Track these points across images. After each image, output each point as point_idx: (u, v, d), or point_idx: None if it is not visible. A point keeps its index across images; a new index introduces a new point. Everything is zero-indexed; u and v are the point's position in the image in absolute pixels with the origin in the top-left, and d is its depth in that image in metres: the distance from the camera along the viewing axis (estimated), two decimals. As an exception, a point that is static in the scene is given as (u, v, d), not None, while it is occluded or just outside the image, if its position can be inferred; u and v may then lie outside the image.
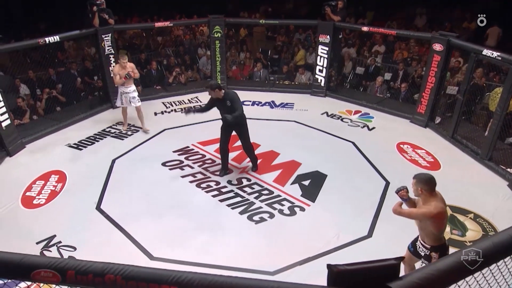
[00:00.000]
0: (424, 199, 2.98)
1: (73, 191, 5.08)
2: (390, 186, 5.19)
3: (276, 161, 5.85)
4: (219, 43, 8.46)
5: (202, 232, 4.36)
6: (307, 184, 5.25)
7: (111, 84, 7.70)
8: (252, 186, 5.21)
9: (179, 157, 5.95)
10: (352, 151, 6.15)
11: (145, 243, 4.16)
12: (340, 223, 4.51)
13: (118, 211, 4.69)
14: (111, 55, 7.49)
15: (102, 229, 4.39)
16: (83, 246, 4.09)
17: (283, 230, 4.40)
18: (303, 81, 9.27)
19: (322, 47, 8.11)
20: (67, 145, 6.29)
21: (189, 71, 10.09)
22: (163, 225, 4.46)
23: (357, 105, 7.99)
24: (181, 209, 4.75)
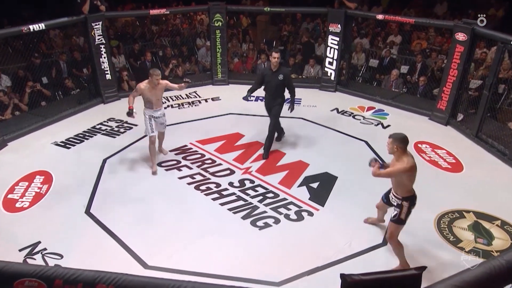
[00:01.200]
0: (397, 156, 3.62)
1: (60, 194, 5.07)
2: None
3: (281, 161, 5.83)
4: (219, 32, 8.45)
5: (201, 238, 4.34)
6: (315, 187, 5.23)
7: (102, 77, 7.74)
8: (256, 188, 5.20)
9: (176, 157, 5.94)
10: (365, 151, 6.12)
11: (139, 251, 4.15)
12: (352, 229, 4.49)
13: (109, 215, 4.68)
14: (101, 45, 7.49)
15: (92, 235, 4.38)
16: (71, 254, 4.08)
17: (289, 237, 4.38)
18: (312, 75, 9.25)
19: (332, 37, 8.08)
20: (54, 143, 6.30)
21: (186, 63, 10.08)
22: (158, 231, 4.44)
23: (370, 101, 7.97)
24: (178, 213, 4.74)
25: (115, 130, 6.80)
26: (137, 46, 9.91)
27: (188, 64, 10.09)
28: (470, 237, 4.39)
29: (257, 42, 11.03)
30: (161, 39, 11.22)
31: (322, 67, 8.55)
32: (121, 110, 7.42)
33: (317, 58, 9.38)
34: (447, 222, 4.62)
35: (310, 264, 4.00)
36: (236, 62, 10.19)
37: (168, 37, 11.17)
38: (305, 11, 10.33)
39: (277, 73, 5.62)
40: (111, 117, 7.23)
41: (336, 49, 8.13)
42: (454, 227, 4.54)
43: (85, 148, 6.22)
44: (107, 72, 7.73)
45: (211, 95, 8.33)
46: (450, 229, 4.51)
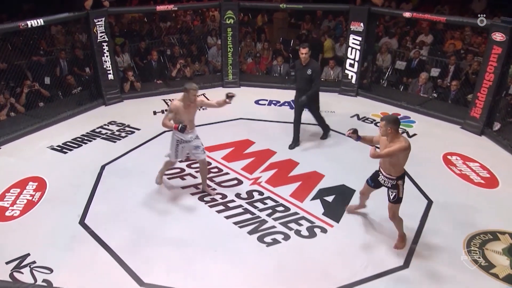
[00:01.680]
0: (391, 138, 4.01)
1: (54, 202, 5.11)
2: (433, 206, 5.04)
3: (294, 171, 5.78)
4: (231, 31, 8.47)
5: (203, 254, 4.31)
6: (330, 201, 5.16)
7: (104, 77, 7.82)
8: (265, 201, 5.15)
9: (180, 165, 5.93)
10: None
11: (135, 266, 4.14)
12: (369, 249, 4.40)
13: (105, 227, 4.69)
14: (104, 43, 7.58)
15: (86, 248, 4.39)
16: (62, 268, 4.09)
17: (299, 255, 4.31)
18: (331, 78, 9.18)
19: (354, 36, 8.03)
20: (50, 147, 6.37)
21: (196, 63, 10.14)
22: (157, 245, 4.43)
23: (395, 107, 7.88)
24: (180, 226, 4.73)
25: (116, 134, 6.84)
26: (144, 44, 10.00)
27: (197, 64, 10.14)
28: (505, 262, 4.24)
29: (273, 41, 11.02)
30: (169, 37, 11.32)
31: (343, 69, 8.47)
32: (124, 113, 7.53)
33: (338, 59, 9.32)
34: (478, 244, 4.47)
35: (321, 286, 3.93)
36: (249, 62, 10.20)
37: (177, 34, 11.26)
38: (325, 8, 10.26)
39: (306, 68, 6.00)
40: (112, 120, 7.29)
41: (358, 50, 8.06)
42: (487, 250, 4.39)
43: (83, 153, 6.28)
44: (109, 71, 7.81)
45: (220, 98, 8.27)
46: (482, 253, 4.36)
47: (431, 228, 4.68)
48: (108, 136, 6.78)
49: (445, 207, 5.04)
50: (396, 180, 4.15)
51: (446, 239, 4.52)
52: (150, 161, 6.01)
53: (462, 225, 4.71)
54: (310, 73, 5.94)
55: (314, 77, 5.99)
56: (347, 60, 8.29)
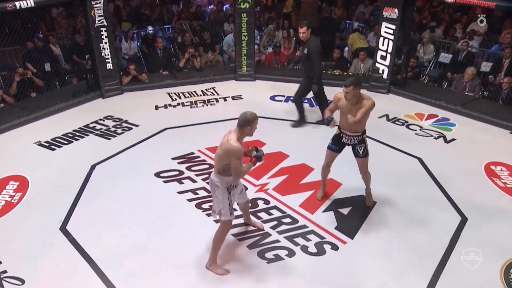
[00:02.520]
0: (357, 98, 4.55)
1: (34, 204, 5.20)
2: (467, 225, 4.88)
3: (307, 179, 5.72)
4: (246, 16, 8.45)
5: (193, 270, 4.29)
6: (346, 213, 5.07)
7: (102, 66, 7.93)
8: (270, 211, 5.10)
9: (178, 166, 5.96)
10: (417, 171, 5.91)
11: (116, 280, 4.15)
12: (387, 271, 4.29)
13: (88, 234, 4.73)
14: (102, 27, 7.69)
15: (63, 257, 4.43)
16: (35, 279, 4.13)
17: (303, 275, 4.24)
18: (362, 71, 9.06)
19: (387, 24, 7.89)
20: (37, 143, 6.50)
21: (209, 52, 10.18)
22: (143, 256, 4.43)
23: (432, 107, 7.76)
24: (171, 236, 4.72)
25: (111, 130, 6.93)
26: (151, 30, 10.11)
27: (210, 54, 10.18)
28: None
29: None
30: (180, 23, 11.41)
31: (373, 63, 8.34)
32: (122, 107, 7.63)
33: (371, 51, 9.17)
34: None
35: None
36: (268, 53, 10.16)
37: (190, 20, 11.35)
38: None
39: (304, 47, 6.58)
40: (109, 115, 7.39)
41: (391, 40, 7.92)
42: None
43: (73, 150, 6.38)
44: (108, 60, 7.92)
45: (232, 92, 8.34)
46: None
47: (462, 251, 4.52)
48: (103, 132, 6.87)
49: (481, 226, 4.87)
50: (362, 135, 4.80)
51: (480, 265, 4.35)
52: (145, 161, 6.06)
53: (501, 250, 4.52)
54: (306, 52, 6.49)
55: (312, 56, 6.48)
56: (378, 51, 8.16)
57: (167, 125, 7.07)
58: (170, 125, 7.07)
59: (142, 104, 7.86)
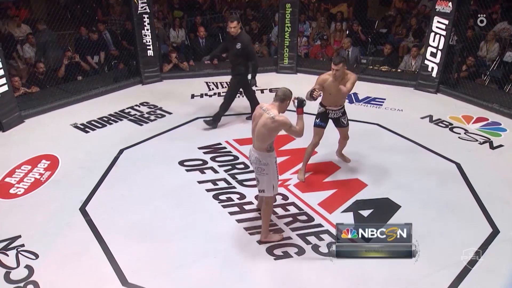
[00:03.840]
0: (343, 73, 5.14)
1: (60, 183, 5.51)
2: (498, 238, 4.66)
3: (331, 177, 5.68)
4: (290, 7, 8.46)
5: (200, 260, 4.38)
6: (366, 215, 4.99)
7: (143, 53, 8.23)
8: (287, 207, 5.12)
9: (203, 156, 6.10)
10: (453, 177, 5.71)
11: (124, 264, 4.32)
12: (403, 280, 4.18)
13: (106, 216, 4.95)
14: (145, 14, 7.96)
15: (78, 236, 4.67)
16: (48, 255, 4.38)
17: (309, 274, 4.23)
18: (413, 69, 8.82)
19: (439, 19, 7.65)
20: (73, 125, 6.87)
21: (256, 43, 10.25)
22: (153, 244, 4.58)
23: (484, 110, 7.49)
24: (184, 225, 4.84)
25: (145, 116, 7.19)
26: (199, 19, 10.32)
27: (257, 45, 10.25)
28: None
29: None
30: (231, 12, 11.55)
31: (422, 59, 8.10)
32: (159, 94, 7.89)
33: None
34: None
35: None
36: (314, 45, 10.10)
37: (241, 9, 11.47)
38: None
39: (235, 41, 6.38)
40: (145, 101, 7.67)
41: (443, 36, 7.66)
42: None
43: (105, 134, 6.68)
44: (149, 47, 8.21)
45: (270, 85, 8.37)
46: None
47: (487, 265, 4.33)
48: (136, 118, 7.13)
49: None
50: (343, 107, 5.55)
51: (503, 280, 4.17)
52: (172, 149, 6.24)
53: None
54: (239, 47, 6.33)
55: (248, 51, 6.41)
56: (428, 48, 7.92)
57: (199, 114, 7.23)
58: (202, 115, 7.23)
59: (179, 92, 8.07)
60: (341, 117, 5.56)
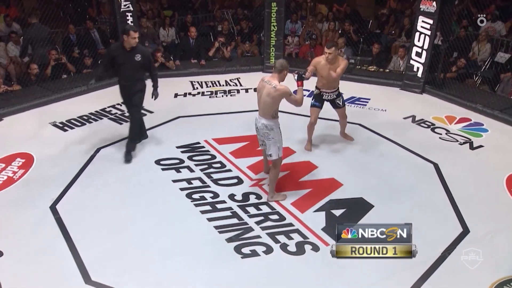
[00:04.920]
0: (335, 57, 5.68)
1: (33, 181, 5.53)
2: (467, 237, 4.67)
3: (307, 176, 5.70)
4: (276, 6, 8.49)
5: (166, 259, 4.38)
6: (338, 215, 5.00)
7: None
8: (260, 206, 5.14)
9: (181, 155, 6.13)
10: (429, 177, 5.72)
11: (88, 261, 4.33)
12: (367, 279, 4.19)
13: (76, 214, 4.97)
14: (128, 12, 8.01)
15: (46, 234, 4.68)
16: (13, 252, 4.39)
17: (275, 274, 4.23)
18: (401, 69, 8.84)
19: (424, 19, 7.67)
20: (52, 123, 6.91)
21: (246, 42, 10.30)
22: (120, 242, 4.59)
23: (467, 110, 7.52)
24: (153, 223, 4.86)
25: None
26: (189, 18, 10.37)
27: (247, 44, 10.30)
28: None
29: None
30: (222, 11, 11.62)
31: (408, 59, 8.12)
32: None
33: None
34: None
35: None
36: (303, 45, 10.13)
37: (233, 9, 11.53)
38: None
39: (132, 53, 5.69)
40: (126, 100, 7.69)
41: (428, 36, 7.69)
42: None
43: (83, 132, 6.72)
44: (133, 45, 8.20)
45: (255, 84, 8.30)
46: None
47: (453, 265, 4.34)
48: (117, 116, 7.17)
49: (483, 240, 4.65)
50: (338, 89, 6.00)
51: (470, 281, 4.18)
52: (149, 148, 6.28)
53: (497, 266, 4.30)
54: (139, 59, 5.72)
55: (149, 63, 5.90)
56: (413, 48, 7.94)
57: (181, 114, 7.27)
58: (184, 114, 7.27)
59: (163, 91, 7.89)
60: (335, 99, 6.03)
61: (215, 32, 10.50)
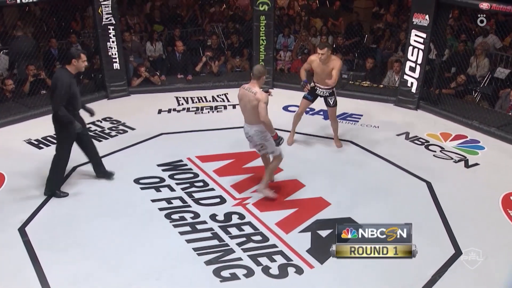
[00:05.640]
0: (328, 57, 6.10)
1: (2, 202, 5.43)
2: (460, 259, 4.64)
3: (294, 195, 5.67)
4: (265, 19, 8.54)
5: (140, 282, 4.31)
6: (324, 236, 4.96)
7: (108, 66, 8.28)
8: (242, 226, 5.09)
9: (162, 174, 6.07)
10: (421, 197, 5.70)
11: (57, 286, 4.28)
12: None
13: (46, 236, 4.88)
14: (110, 26, 8.02)
15: (13, 258, 4.58)
16: (-23, 276, 4.36)
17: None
18: (396, 84, 8.86)
19: (417, 32, 7.73)
20: (27, 141, 6.85)
21: (236, 57, 10.33)
22: (94, 264, 4.52)
23: (464, 127, 7.54)
24: (128, 244, 4.80)
25: (106, 132, 7.19)
26: (178, 32, 10.40)
27: (238, 59, 10.33)
28: None
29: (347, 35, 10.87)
30: (213, 25, 11.68)
31: (401, 74, 8.16)
32: (125, 109, 7.91)
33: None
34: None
35: None
36: (296, 60, 10.17)
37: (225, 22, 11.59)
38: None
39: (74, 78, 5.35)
40: (108, 116, 7.66)
41: (421, 50, 7.73)
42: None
43: (60, 150, 6.65)
44: (115, 60, 8.25)
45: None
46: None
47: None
48: (96, 134, 7.12)
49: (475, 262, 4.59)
50: (332, 88, 6.40)
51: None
52: (129, 166, 6.22)
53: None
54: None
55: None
56: (406, 62, 7.98)
57: (164, 130, 7.23)
58: (167, 131, 7.23)
59: (146, 107, 8.10)
60: (328, 97, 6.46)
61: (204, 46, 10.54)
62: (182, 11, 12.18)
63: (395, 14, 11.86)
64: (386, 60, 9.95)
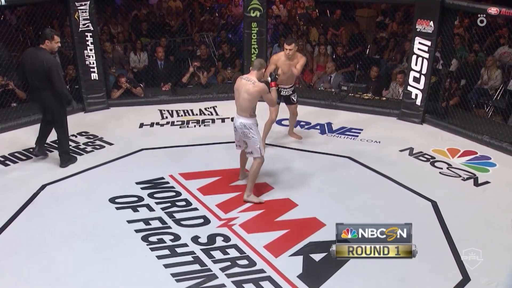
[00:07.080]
0: (294, 53, 6.58)
1: (-37, 223, 5.36)
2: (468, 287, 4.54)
3: (285, 216, 5.59)
4: (256, 26, 8.56)
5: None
6: (317, 260, 4.87)
7: (86, 76, 8.24)
8: (227, 249, 4.99)
9: (140, 192, 5.99)
10: (426, 217, 5.62)
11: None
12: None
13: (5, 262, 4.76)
14: (88, 32, 8.01)
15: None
16: None
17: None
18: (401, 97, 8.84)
19: (421, 40, 7.73)
20: (-8, 158, 6.78)
21: (228, 68, 10.35)
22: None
23: (473, 142, 7.51)
24: (100, 271, 4.68)
25: (80, 148, 7.11)
26: (164, 41, 10.41)
27: (229, 70, 10.34)
28: None
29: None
30: (202, 34, 11.71)
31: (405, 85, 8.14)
32: (103, 123, 7.86)
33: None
34: None
35: None
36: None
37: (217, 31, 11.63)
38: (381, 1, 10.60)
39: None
40: (84, 131, 7.61)
41: (426, 59, 7.72)
42: None
43: (28, 167, 6.58)
44: (93, 69, 8.20)
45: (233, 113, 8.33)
46: None
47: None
48: (70, 149, 7.04)
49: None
50: (294, 86, 7.04)
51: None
52: (105, 184, 6.14)
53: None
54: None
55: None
56: (410, 72, 7.96)
57: (145, 146, 7.17)
58: (148, 146, 7.17)
59: (127, 121, 8.05)
60: (291, 95, 6.99)
61: (193, 57, 10.54)
62: (171, 19, 12.23)
63: (401, 22, 11.91)
64: (390, 72, 9.94)
